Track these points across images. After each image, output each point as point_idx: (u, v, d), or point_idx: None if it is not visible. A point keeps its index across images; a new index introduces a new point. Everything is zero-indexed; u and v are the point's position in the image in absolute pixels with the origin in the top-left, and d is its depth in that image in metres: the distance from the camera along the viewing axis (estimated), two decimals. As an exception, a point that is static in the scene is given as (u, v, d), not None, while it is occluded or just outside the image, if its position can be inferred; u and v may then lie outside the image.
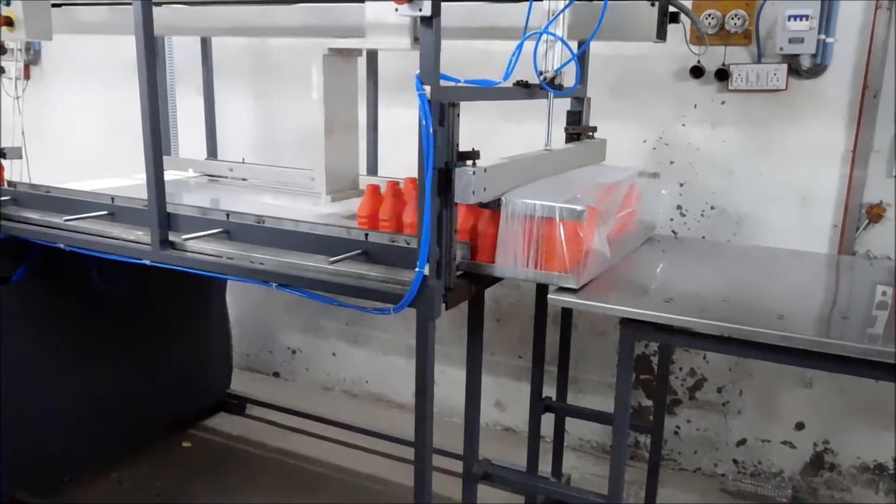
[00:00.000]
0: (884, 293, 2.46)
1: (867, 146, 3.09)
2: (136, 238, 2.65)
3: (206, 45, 3.75)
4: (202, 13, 3.28)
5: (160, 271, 2.55)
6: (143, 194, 2.56)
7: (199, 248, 2.52)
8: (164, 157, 2.78)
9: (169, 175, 3.16)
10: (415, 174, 2.01)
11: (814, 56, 3.06)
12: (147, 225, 2.56)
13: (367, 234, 2.30)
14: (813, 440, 3.47)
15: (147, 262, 2.57)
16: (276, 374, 4.77)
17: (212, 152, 3.86)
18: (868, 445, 3.37)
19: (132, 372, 3.54)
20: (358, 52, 2.45)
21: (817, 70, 3.10)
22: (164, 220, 2.54)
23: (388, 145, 3.51)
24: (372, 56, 3.35)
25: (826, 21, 3.00)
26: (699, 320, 1.96)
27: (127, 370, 3.52)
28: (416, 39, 2.29)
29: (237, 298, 4.41)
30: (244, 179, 3.60)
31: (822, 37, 3.01)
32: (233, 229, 2.51)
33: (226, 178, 3.63)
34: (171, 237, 2.56)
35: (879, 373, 1.86)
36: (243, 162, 3.64)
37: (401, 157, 2.59)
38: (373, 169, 3.45)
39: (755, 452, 3.59)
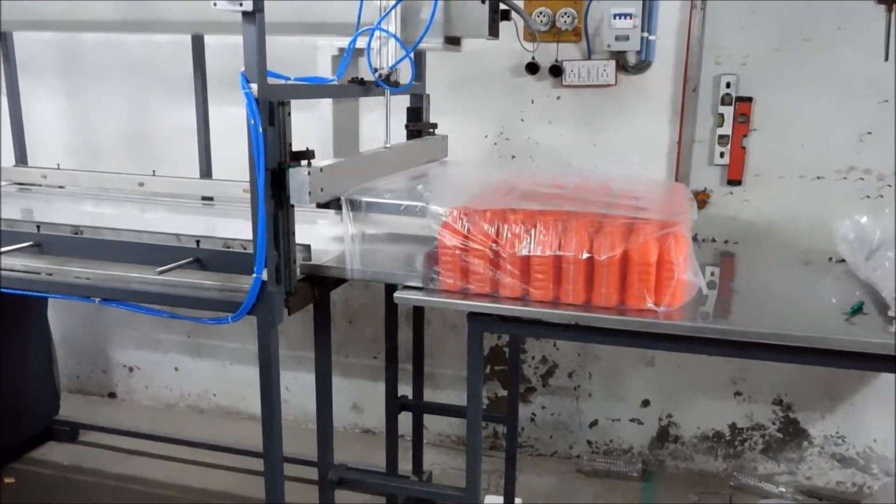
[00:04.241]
0: (712, 274, 2.61)
1: (690, 137, 3.29)
2: (-70, 257, 2.34)
3: (6, 40, 3.37)
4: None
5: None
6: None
7: (7, 264, 2.29)
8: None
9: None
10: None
11: (639, 53, 3.21)
12: (-56, 241, 2.27)
13: (198, 241, 2.16)
14: (658, 415, 3.66)
15: (-56, 282, 2.29)
16: (111, 395, 4.42)
17: (21, 158, 3.48)
18: (706, 416, 3.60)
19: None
20: (361, 51, 2.28)
21: (643, 66, 3.26)
22: (-37, 235, 2.28)
23: (223, 146, 3.32)
24: (198, 48, 3.14)
25: (648, 20, 3.15)
26: (543, 310, 1.99)
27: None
28: (447, 39, 2.21)
29: (62, 316, 4.04)
30: (61, 187, 3.28)
31: (646, 34, 3.16)
32: (45, 242, 2.30)
33: (39, 185, 3.30)
34: (-28, 253, 2.28)
35: (712, 348, 1.98)
36: (58, 168, 3.31)
37: (238, 159, 2.45)
38: (206, 172, 3.25)
39: (606, 432, 3.74)
